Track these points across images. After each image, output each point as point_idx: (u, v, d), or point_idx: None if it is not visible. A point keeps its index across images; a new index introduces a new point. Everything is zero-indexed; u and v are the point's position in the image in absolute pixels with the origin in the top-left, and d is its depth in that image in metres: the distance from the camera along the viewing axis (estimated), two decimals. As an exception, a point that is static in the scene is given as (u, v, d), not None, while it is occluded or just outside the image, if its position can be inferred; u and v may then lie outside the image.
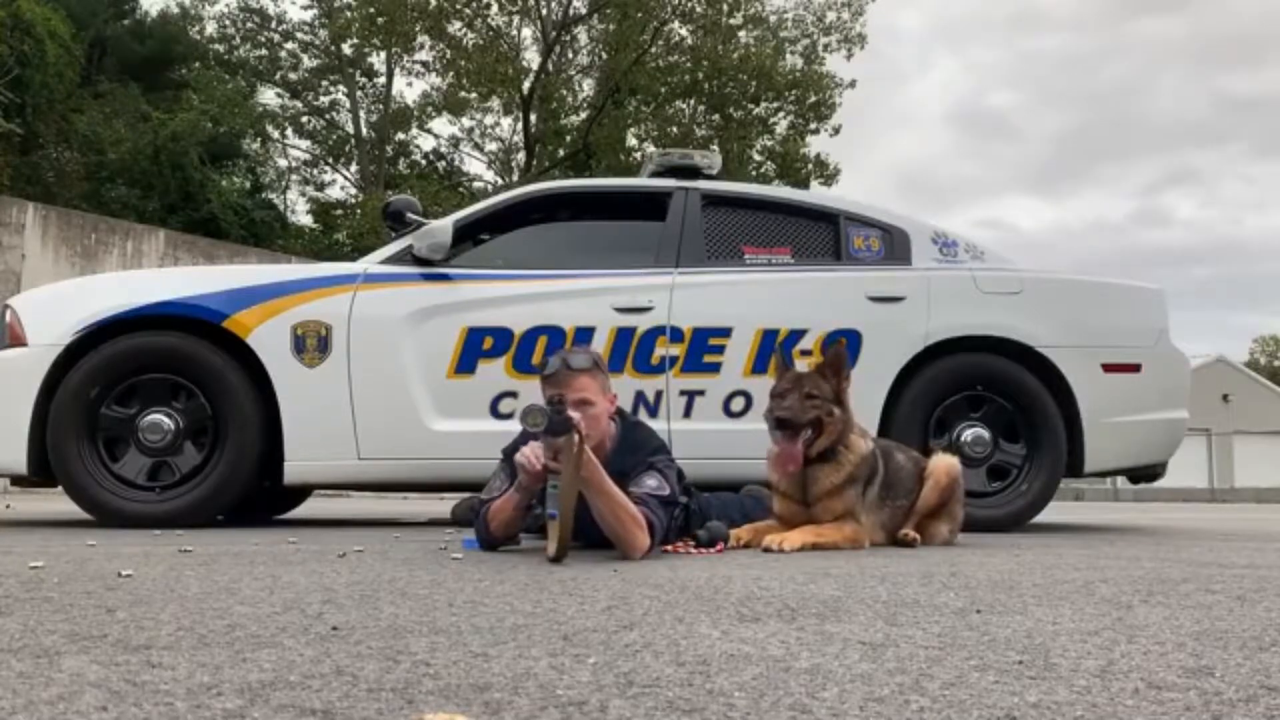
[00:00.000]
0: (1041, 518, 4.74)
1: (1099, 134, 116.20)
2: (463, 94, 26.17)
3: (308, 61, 29.02)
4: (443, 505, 8.05)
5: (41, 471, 4.01)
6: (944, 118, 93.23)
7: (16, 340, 4.09)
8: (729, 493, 3.78)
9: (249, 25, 28.38)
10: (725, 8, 24.13)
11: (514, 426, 3.14)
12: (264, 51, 28.68)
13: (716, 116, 25.33)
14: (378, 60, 28.23)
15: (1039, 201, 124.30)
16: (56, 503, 6.95)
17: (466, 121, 28.75)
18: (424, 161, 30.18)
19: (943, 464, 3.57)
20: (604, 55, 25.43)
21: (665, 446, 3.15)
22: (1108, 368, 4.51)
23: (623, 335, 4.31)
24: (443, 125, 41.06)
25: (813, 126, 25.47)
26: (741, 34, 24.91)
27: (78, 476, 3.96)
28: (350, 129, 29.46)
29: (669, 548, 3.03)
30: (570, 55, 26.99)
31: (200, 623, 1.50)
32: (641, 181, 5.04)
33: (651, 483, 2.91)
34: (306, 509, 6.14)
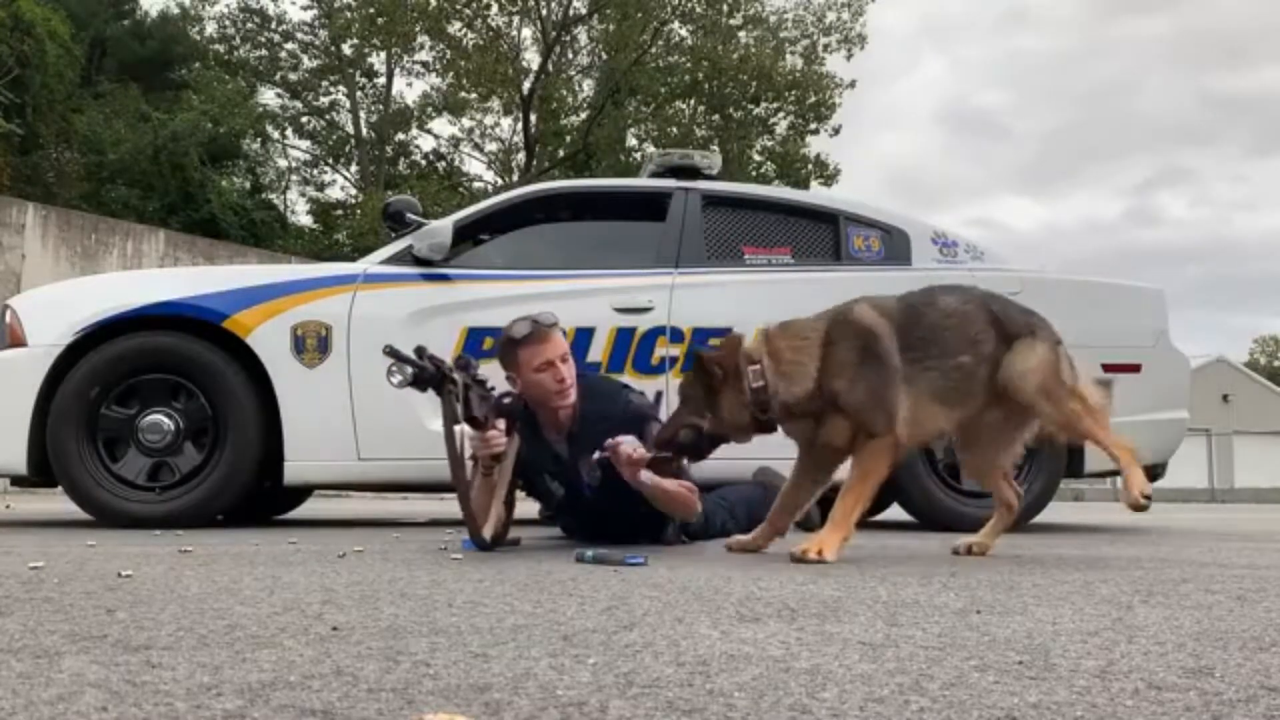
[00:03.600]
0: (1041, 518, 4.74)
1: (1090, 133, 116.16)
2: (463, 94, 26.17)
3: (308, 62, 28.98)
4: (443, 505, 8.05)
5: (41, 471, 4.01)
6: (934, 117, 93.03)
7: (16, 340, 4.09)
8: (738, 486, 3.80)
9: (249, 26, 28.34)
10: (725, 8, 24.13)
11: (514, 427, 3.15)
12: (264, 52, 28.63)
13: (716, 117, 25.32)
14: (378, 60, 28.22)
15: (1031, 201, 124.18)
16: (56, 503, 6.95)
17: (466, 122, 28.75)
18: (424, 162, 30.16)
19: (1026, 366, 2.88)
20: (604, 55, 25.43)
21: (629, 387, 3.37)
22: (1108, 368, 4.51)
23: (623, 335, 4.31)
24: (443, 125, 41.09)
25: (813, 127, 25.47)
26: (741, 34, 24.90)
27: (78, 477, 3.95)
28: (350, 129, 29.44)
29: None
30: (570, 55, 26.98)
31: (200, 623, 1.50)
32: (641, 182, 5.04)
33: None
34: (306, 509, 6.14)
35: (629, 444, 2.92)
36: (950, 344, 2.86)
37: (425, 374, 2.77)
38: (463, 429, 2.85)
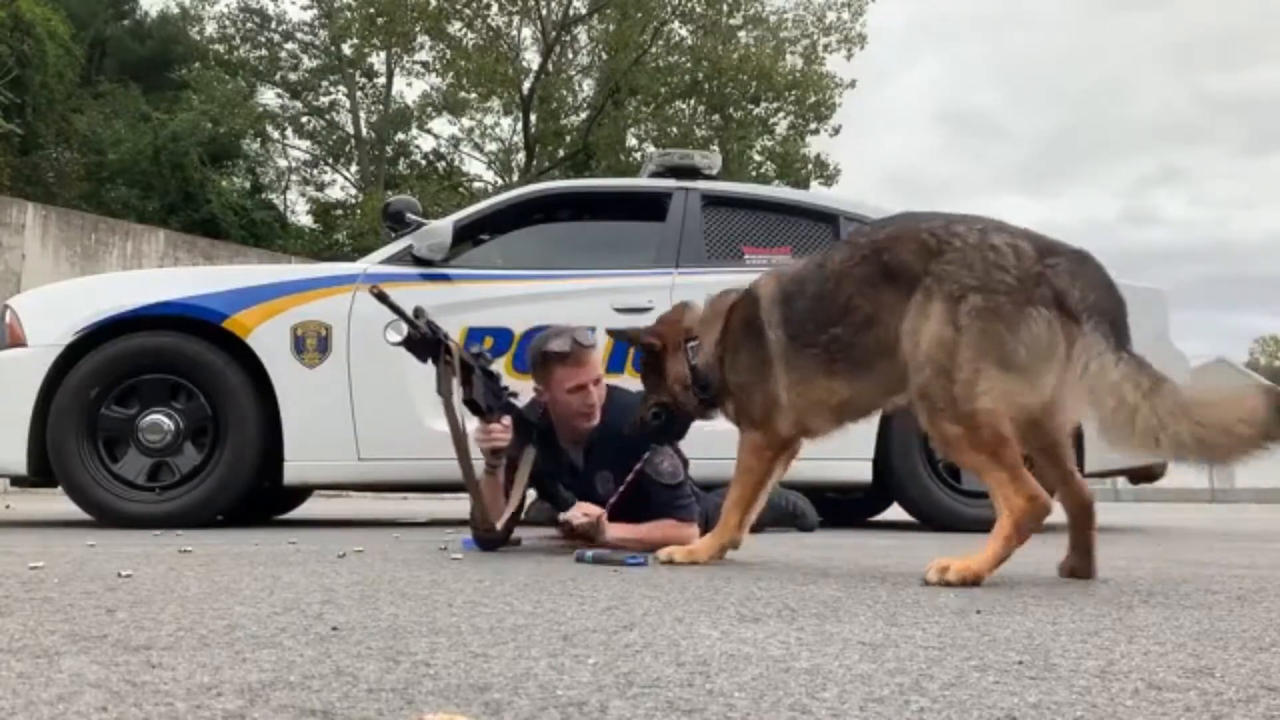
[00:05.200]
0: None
1: (1086, 132, 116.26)
2: (462, 94, 26.16)
3: (308, 62, 28.99)
4: (443, 505, 8.05)
5: (41, 471, 4.01)
6: (932, 116, 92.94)
7: (16, 340, 4.09)
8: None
9: (249, 25, 28.34)
10: (725, 8, 24.12)
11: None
12: (264, 52, 28.63)
13: (716, 117, 25.32)
14: (378, 60, 28.21)
15: (1029, 200, 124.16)
16: (56, 503, 6.95)
17: (466, 122, 28.75)
18: (424, 161, 30.15)
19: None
20: (604, 55, 25.42)
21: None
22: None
23: (623, 335, 4.31)
24: (443, 125, 41.09)
25: (813, 127, 25.47)
26: (741, 34, 24.90)
27: (78, 476, 3.96)
28: (350, 129, 29.44)
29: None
30: (570, 55, 26.97)
31: (200, 623, 1.50)
32: (641, 182, 5.04)
33: (666, 467, 3.00)
34: (306, 509, 6.14)
35: (576, 517, 2.88)
36: (823, 314, 2.35)
37: (419, 336, 2.75)
38: (461, 407, 2.80)
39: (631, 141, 25.45)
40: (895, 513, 5.16)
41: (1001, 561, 2.11)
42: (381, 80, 29.39)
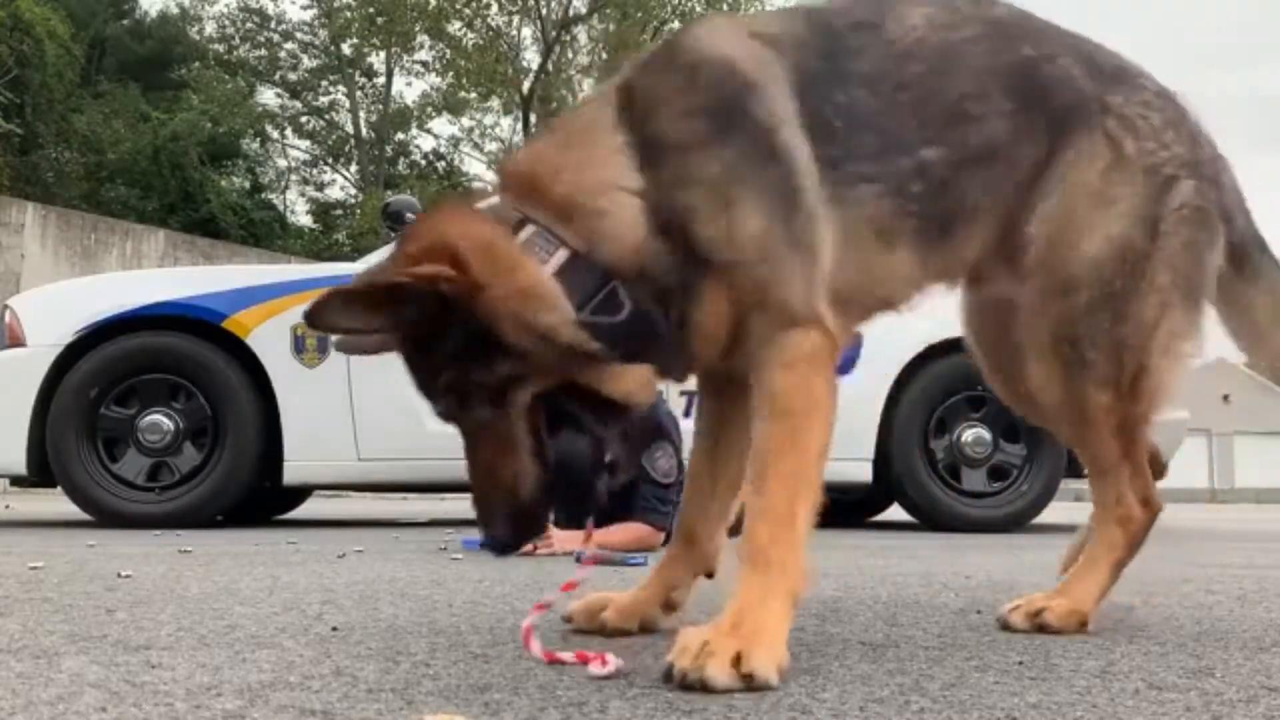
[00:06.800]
0: (1042, 518, 4.73)
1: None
2: (462, 94, 26.19)
3: (307, 61, 29.01)
4: (443, 505, 8.05)
5: (41, 471, 4.01)
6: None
7: (16, 340, 4.09)
8: None
9: (248, 25, 28.36)
10: (724, 8, 24.15)
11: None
12: (264, 51, 28.65)
13: (716, 116, 25.33)
14: (377, 60, 28.23)
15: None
16: (56, 503, 6.95)
17: (466, 121, 28.77)
18: (424, 161, 30.17)
19: None
20: (604, 55, 25.43)
21: (661, 398, 3.27)
22: (1108, 368, 4.51)
23: (623, 335, 4.31)
24: (442, 125, 41.07)
25: (813, 126, 25.50)
26: (741, 34, 24.94)
27: (77, 477, 3.96)
28: (350, 129, 29.45)
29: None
30: (570, 55, 26.98)
31: (200, 623, 1.50)
32: (641, 181, 5.04)
33: (662, 464, 3.03)
34: (306, 509, 6.13)
35: (561, 541, 2.81)
36: (908, 114, 1.30)
37: None
38: None
39: (631, 141, 25.44)
40: (895, 513, 5.16)
41: (1108, 593, 1.50)
42: (381, 80, 29.41)
